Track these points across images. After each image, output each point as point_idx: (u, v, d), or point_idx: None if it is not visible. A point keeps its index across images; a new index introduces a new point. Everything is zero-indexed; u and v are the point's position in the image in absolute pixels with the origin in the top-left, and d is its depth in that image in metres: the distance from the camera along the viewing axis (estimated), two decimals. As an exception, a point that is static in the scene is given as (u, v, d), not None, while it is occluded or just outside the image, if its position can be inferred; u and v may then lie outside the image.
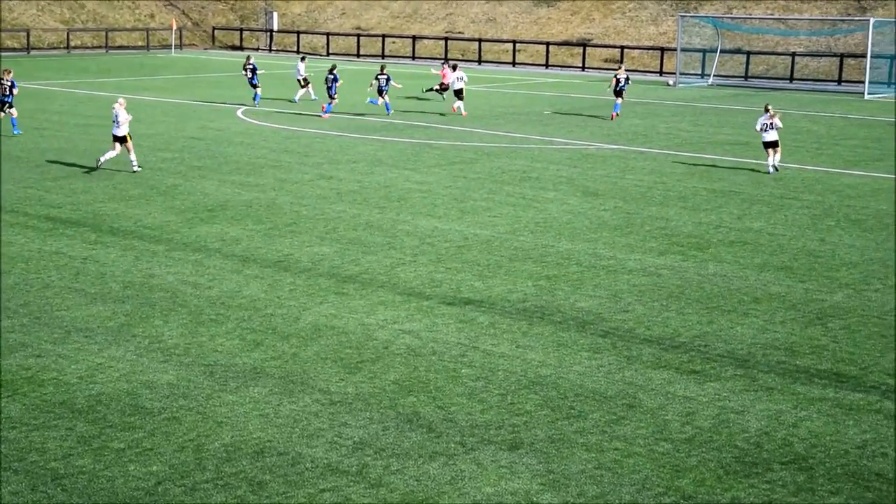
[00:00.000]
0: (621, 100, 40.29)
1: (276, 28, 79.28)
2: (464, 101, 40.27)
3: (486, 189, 25.38)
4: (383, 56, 70.37)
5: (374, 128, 36.37)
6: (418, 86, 48.21)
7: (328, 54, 74.14)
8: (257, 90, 41.80)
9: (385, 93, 39.59)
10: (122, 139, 26.50)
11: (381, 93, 39.52)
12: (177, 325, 15.01)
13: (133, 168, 26.67)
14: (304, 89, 43.95)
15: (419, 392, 12.69)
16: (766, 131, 28.16)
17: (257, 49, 78.27)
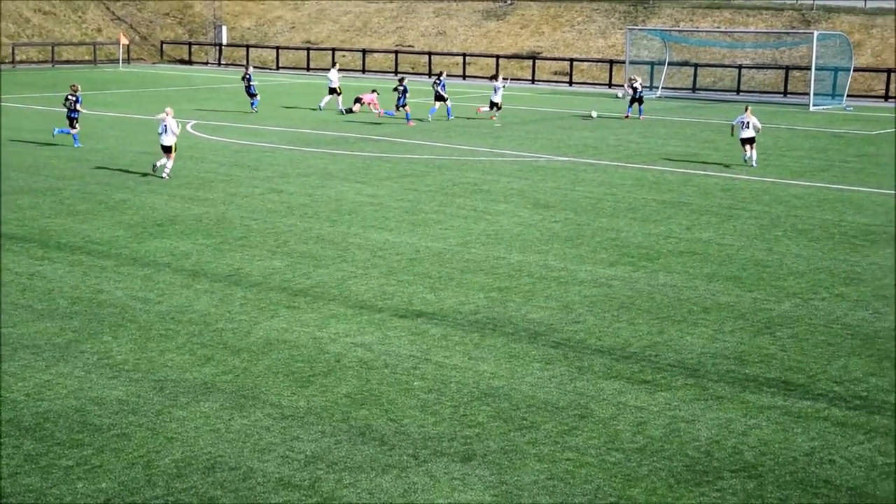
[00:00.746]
0: (642, 105, 45.26)
1: (225, 42, 78.89)
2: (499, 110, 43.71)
3: (437, 202, 25.41)
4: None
5: (324, 141, 36.30)
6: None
7: (278, 68, 73.93)
8: (255, 98, 44.88)
9: (404, 105, 41.55)
10: (168, 149, 27.66)
11: (401, 105, 41.49)
12: (126, 341, 14.87)
13: (164, 175, 27.80)
14: (329, 96, 45.79)
15: (371, 405, 12.66)
16: (744, 129, 31.11)
17: (206, 63, 77.88)
